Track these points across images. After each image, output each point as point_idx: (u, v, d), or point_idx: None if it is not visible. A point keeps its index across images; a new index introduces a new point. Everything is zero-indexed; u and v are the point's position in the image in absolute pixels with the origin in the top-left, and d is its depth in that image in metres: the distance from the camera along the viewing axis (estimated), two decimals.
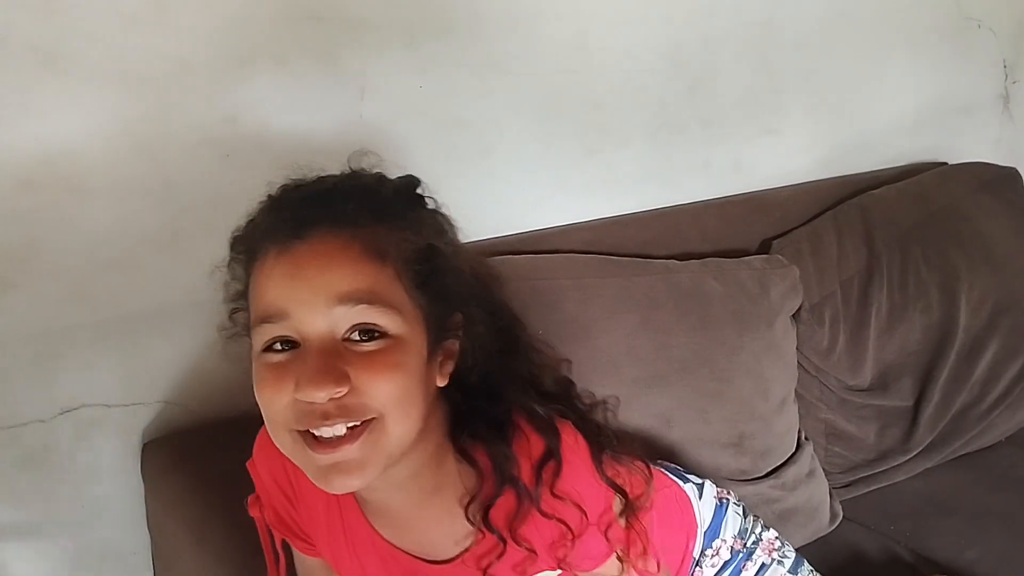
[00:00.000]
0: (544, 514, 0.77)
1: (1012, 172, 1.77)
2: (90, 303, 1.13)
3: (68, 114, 1.06)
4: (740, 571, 1.15)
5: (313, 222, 0.70)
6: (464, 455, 0.77)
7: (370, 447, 0.69)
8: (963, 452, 1.60)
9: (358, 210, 0.71)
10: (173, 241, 1.16)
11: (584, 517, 0.78)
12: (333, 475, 0.69)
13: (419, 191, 0.79)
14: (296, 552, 0.88)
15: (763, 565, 1.17)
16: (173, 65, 1.10)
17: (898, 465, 1.55)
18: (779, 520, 1.35)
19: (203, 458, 1.19)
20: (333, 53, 1.22)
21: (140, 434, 1.23)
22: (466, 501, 0.77)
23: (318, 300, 0.68)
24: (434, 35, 1.30)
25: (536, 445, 0.78)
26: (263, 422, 0.73)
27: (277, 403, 0.69)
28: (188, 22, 1.10)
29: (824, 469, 1.49)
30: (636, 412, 1.26)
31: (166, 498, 1.21)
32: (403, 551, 0.79)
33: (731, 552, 1.15)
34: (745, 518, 1.19)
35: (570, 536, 0.78)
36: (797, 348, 1.49)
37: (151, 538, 1.25)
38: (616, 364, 1.26)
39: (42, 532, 1.21)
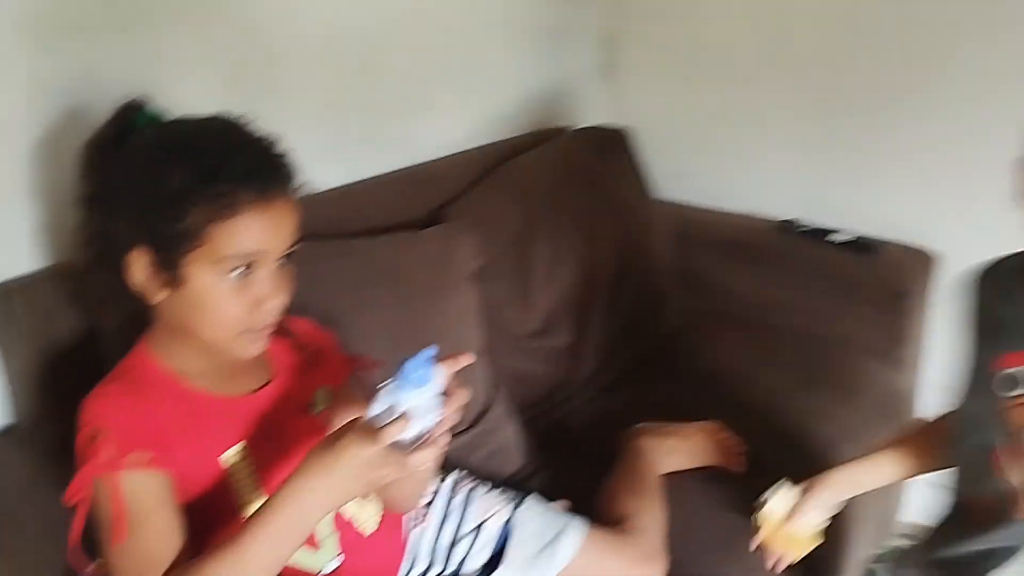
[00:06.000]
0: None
1: (621, 132, 2.08)
2: None
3: None
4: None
5: (279, 184, 0.98)
6: None
7: None
8: (614, 376, 1.88)
9: (293, 174, 1.01)
10: None
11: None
12: (260, 344, 1.02)
13: None
14: (139, 482, 0.95)
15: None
16: None
17: (571, 395, 1.80)
18: (489, 459, 1.53)
19: None
20: None
21: None
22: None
23: (283, 245, 0.99)
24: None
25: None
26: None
27: (237, 308, 0.97)
28: None
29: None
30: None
31: None
32: (230, 397, 1.06)
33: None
34: None
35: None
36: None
37: None
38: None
39: None
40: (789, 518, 1.34)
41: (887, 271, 1.94)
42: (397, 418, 0.87)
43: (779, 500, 1.35)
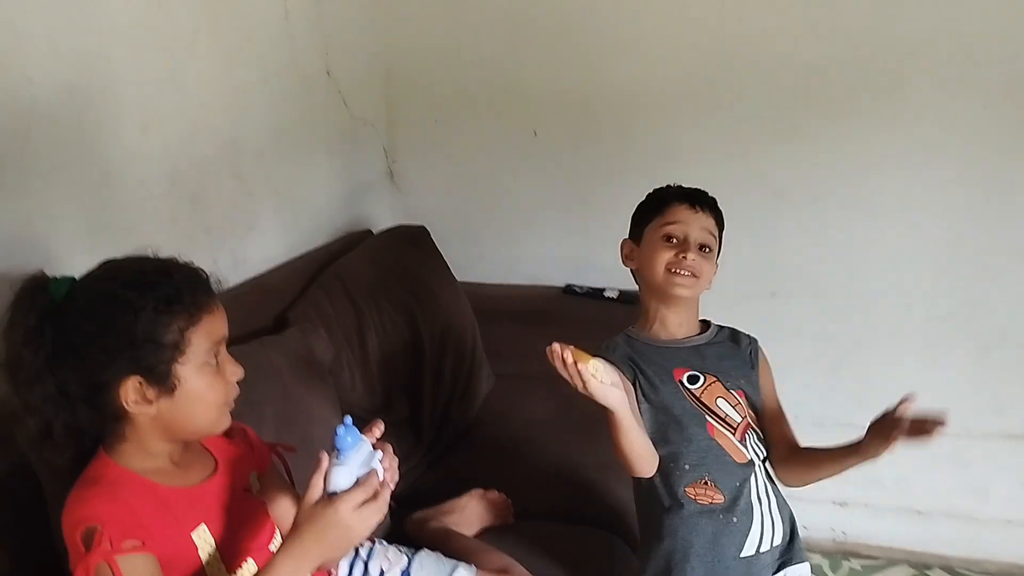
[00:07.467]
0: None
1: (423, 229, 2.40)
2: None
3: None
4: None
5: (212, 286, 1.23)
6: None
7: None
8: (448, 440, 2.16)
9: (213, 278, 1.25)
10: None
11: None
12: (229, 416, 1.25)
13: None
14: (135, 564, 1.11)
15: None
16: None
17: (415, 463, 2.05)
18: None
19: None
20: None
21: None
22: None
23: (227, 330, 1.23)
24: None
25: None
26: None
27: (220, 388, 1.21)
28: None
29: None
30: None
31: None
32: (187, 487, 1.24)
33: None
34: None
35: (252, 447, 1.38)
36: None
37: None
38: None
39: None
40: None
41: None
42: (368, 473, 1.13)
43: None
